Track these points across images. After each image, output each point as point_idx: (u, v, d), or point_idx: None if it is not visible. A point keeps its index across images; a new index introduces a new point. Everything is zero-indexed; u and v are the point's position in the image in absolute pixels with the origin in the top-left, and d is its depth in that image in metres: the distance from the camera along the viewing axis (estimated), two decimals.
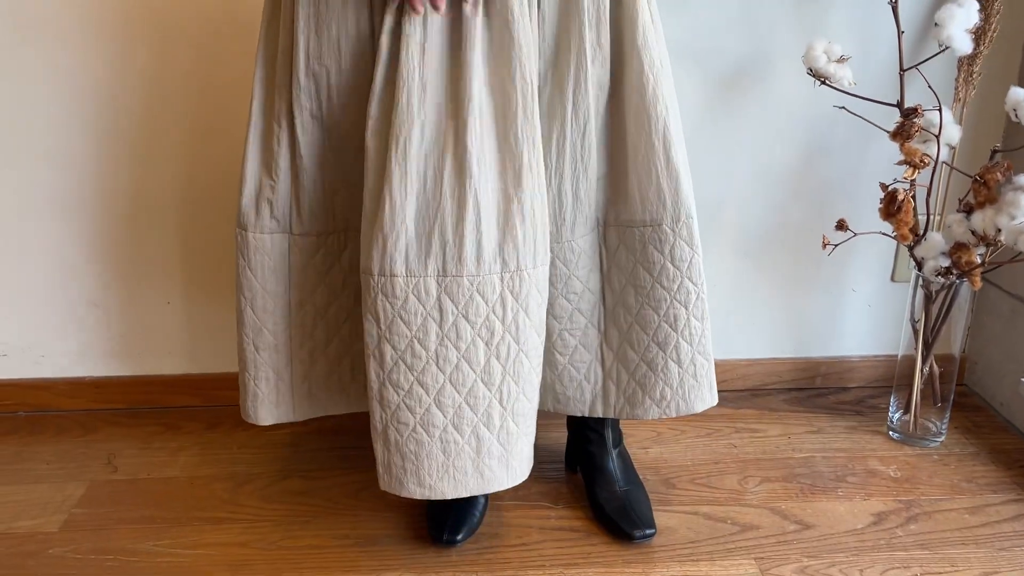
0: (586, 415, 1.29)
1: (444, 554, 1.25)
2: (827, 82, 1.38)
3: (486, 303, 1.09)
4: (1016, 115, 1.33)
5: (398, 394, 1.11)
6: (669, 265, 1.18)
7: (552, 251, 1.19)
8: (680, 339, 1.22)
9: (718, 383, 1.68)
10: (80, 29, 1.43)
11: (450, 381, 1.11)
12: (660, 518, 1.33)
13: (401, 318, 1.08)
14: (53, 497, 1.38)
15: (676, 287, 1.19)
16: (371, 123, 1.08)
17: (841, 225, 1.45)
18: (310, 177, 1.17)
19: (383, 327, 1.09)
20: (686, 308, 1.20)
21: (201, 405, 1.65)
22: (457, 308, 1.08)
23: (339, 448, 1.51)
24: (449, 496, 1.14)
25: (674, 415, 1.26)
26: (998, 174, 1.35)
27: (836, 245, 1.47)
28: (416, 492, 1.14)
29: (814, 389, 1.74)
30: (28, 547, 1.27)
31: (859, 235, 1.48)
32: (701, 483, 1.43)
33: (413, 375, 1.10)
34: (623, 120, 1.16)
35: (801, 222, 1.63)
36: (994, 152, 1.43)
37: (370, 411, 1.14)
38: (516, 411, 1.14)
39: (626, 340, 1.24)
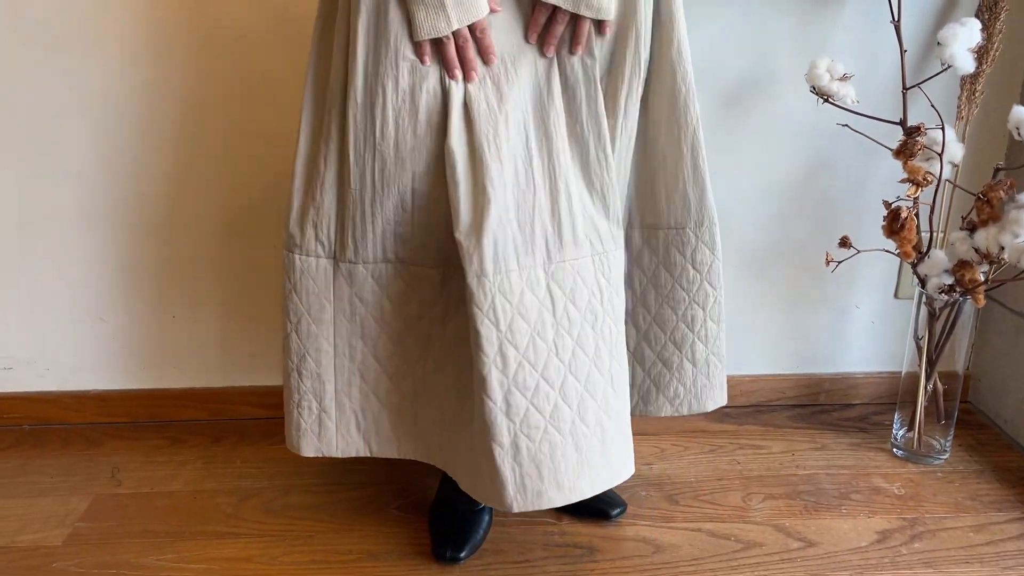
0: None
1: (447, 571, 1.25)
2: (830, 100, 1.39)
3: (586, 286, 1.12)
4: (1019, 133, 1.34)
5: (525, 396, 1.08)
6: (690, 268, 1.26)
7: None
8: (696, 339, 1.28)
9: None
10: (97, 40, 1.44)
11: (570, 371, 1.11)
12: (664, 535, 1.33)
13: (520, 314, 1.07)
14: (57, 511, 1.38)
15: (695, 289, 1.26)
16: (455, 131, 1.06)
17: (844, 242, 1.45)
18: (360, 202, 1.13)
19: (503, 328, 1.06)
20: (704, 310, 1.27)
21: (206, 419, 1.65)
22: (564, 293, 1.10)
23: (343, 464, 1.51)
24: (587, 495, 1.12)
25: (686, 413, 1.32)
26: (1001, 192, 1.35)
27: (839, 262, 1.47)
28: (556, 499, 1.10)
29: (818, 406, 1.74)
30: (31, 561, 1.27)
31: (862, 252, 1.49)
32: (705, 500, 1.43)
33: (537, 371, 1.09)
34: (654, 127, 1.21)
35: (805, 238, 1.63)
36: (997, 170, 1.43)
37: (492, 434, 1.08)
38: (622, 394, 1.16)
39: (644, 338, 1.31)
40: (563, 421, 1.10)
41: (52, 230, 1.54)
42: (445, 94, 1.07)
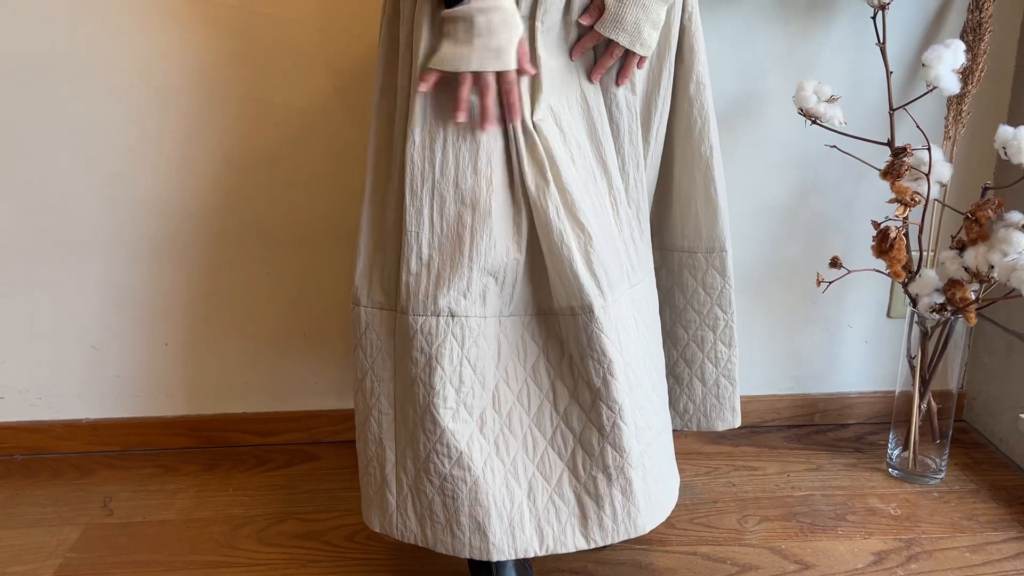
0: None
1: None
2: (818, 121, 1.40)
3: (648, 305, 1.17)
4: (1005, 153, 1.35)
5: (643, 416, 1.11)
6: (701, 291, 1.30)
7: None
8: (706, 360, 1.33)
9: None
10: (89, 68, 1.45)
11: (654, 389, 1.15)
12: (659, 559, 1.32)
13: (629, 338, 1.09)
14: (48, 541, 1.37)
15: (706, 312, 1.31)
16: (528, 175, 1.05)
17: (835, 262, 1.46)
18: (416, 245, 1.07)
19: (627, 355, 1.08)
20: (713, 332, 1.32)
21: (198, 447, 1.64)
22: (641, 316, 1.14)
23: (336, 490, 1.51)
24: (669, 510, 1.16)
25: (695, 429, 1.37)
26: (989, 211, 1.36)
27: (830, 282, 1.48)
28: (668, 506, 1.15)
29: (813, 426, 1.73)
30: None
31: (853, 272, 1.49)
32: (700, 523, 1.42)
33: (643, 391, 1.12)
34: (671, 154, 1.26)
35: (796, 258, 1.64)
36: (985, 189, 1.44)
37: (630, 460, 1.08)
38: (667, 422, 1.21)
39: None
40: (658, 434, 1.15)
41: (44, 258, 1.54)
42: (506, 135, 1.06)
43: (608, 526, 1.09)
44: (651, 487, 1.11)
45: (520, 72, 1.03)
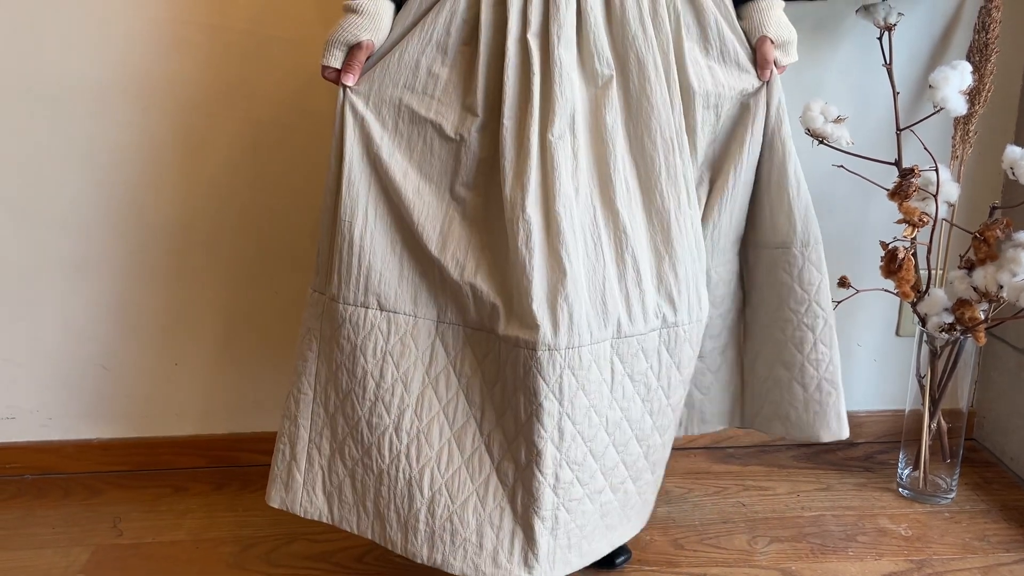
0: (725, 427, 1.35)
1: None
2: (825, 142, 1.41)
3: (646, 359, 1.10)
4: (1013, 173, 1.35)
5: (572, 470, 1.06)
6: (797, 288, 1.23)
7: None
8: (806, 362, 1.25)
9: (726, 439, 1.69)
10: (95, 89, 1.46)
11: (613, 442, 1.09)
12: None
13: (582, 389, 1.04)
14: (58, 563, 1.37)
15: (804, 310, 1.24)
16: (531, 198, 1.04)
17: (844, 282, 1.46)
18: (348, 233, 1.11)
19: (565, 404, 1.03)
20: (813, 332, 1.24)
21: (208, 466, 1.65)
22: (624, 367, 1.08)
23: None
24: (603, 554, 1.13)
25: (798, 437, 1.29)
26: (998, 231, 1.36)
27: (839, 302, 1.47)
28: (576, 564, 1.09)
29: (822, 445, 1.72)
30: None
31: (862, 292, 1.49)
32: (710, 543, 1.41)
33: (587, 446, 1.06)
34: (755, 153, 1.23)
35: None
36: (993, 209, 1.44)
37: (536, 508, 1.05)
38: (656, 461, 1.16)
39: (758, 357, 1.30)
40: (596, 491, 1.09)
41: (53, 279, 1.54)
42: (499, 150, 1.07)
43: (502, 562, 1.06)
44: (560, 542, 1.07)
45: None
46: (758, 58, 1.18)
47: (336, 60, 1.09)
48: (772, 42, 1.18)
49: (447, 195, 1.11)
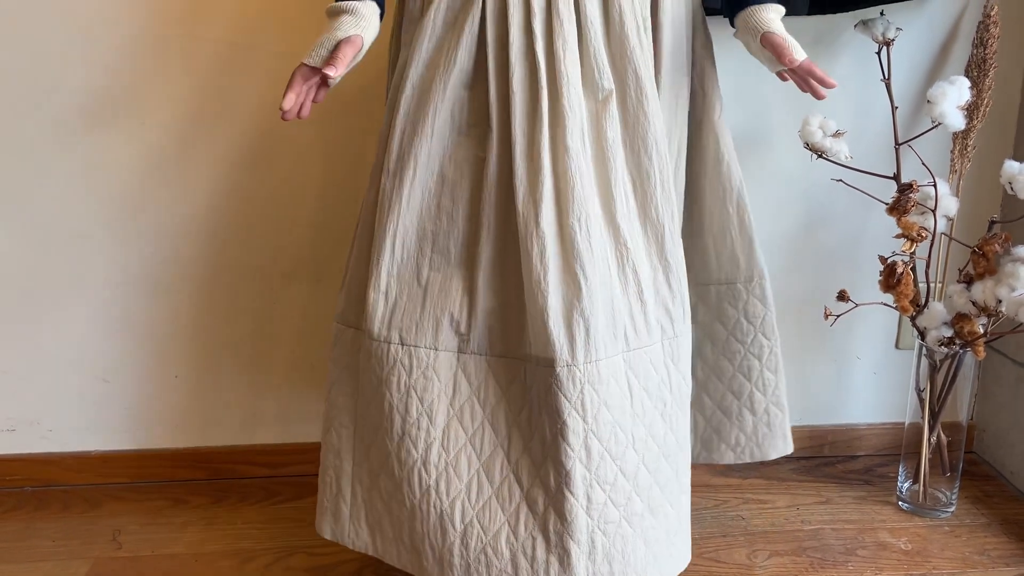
0: None
1: None
2: (824, 156, 1.41)
3: (657, 373, 1.10)
4: (1012, 188, 1.35)
5: (604, 490, 1.04)
6: (743, 320, 1.30)
7: None
8: (754, 389, 1.33)
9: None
10: (97, 105, 1.47)
11: (643, 462, 1.07)
12: None
13: (605, 404, 1.03)
14: None
15: (750, 341, 1.31)
16: (546, 213, 1.03)
17: (842, 296, 1.46)
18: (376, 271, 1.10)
19: (589, 420, 1.02)
20: (759, 360, 1.32)
21: (207, 479, 1.65)
22: (639, 381, 1.08)
23: None
24: None
25: (748, 460, 1.36)
26: (996, 245, 1.36)
27: (838, 316, 1.48)
28: None
29: (822, 458, 1.73)
30: None
31: (861, 306, 1.49)
32: (709, 557, 1.41)
33: (617, 464, 1.05)
34: (700, 189, 1.27)
35: (804, 291, 1.64)
36: (992, 223, 1.44)
37: (571, 532, 1.02)
38: (685, 483, 1.14)
39: (703, 388, 1.35)
40: (634, 515, 1.07)
41: (54, 292, 1.55)
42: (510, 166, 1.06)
43: None
44: (600, 567, 1.04)
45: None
46: (773, 51, 1.14)
47: (317, 59, 1.08)
48: (776, 34, 1.15)
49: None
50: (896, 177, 1.44)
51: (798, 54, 1.13)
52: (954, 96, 1.33)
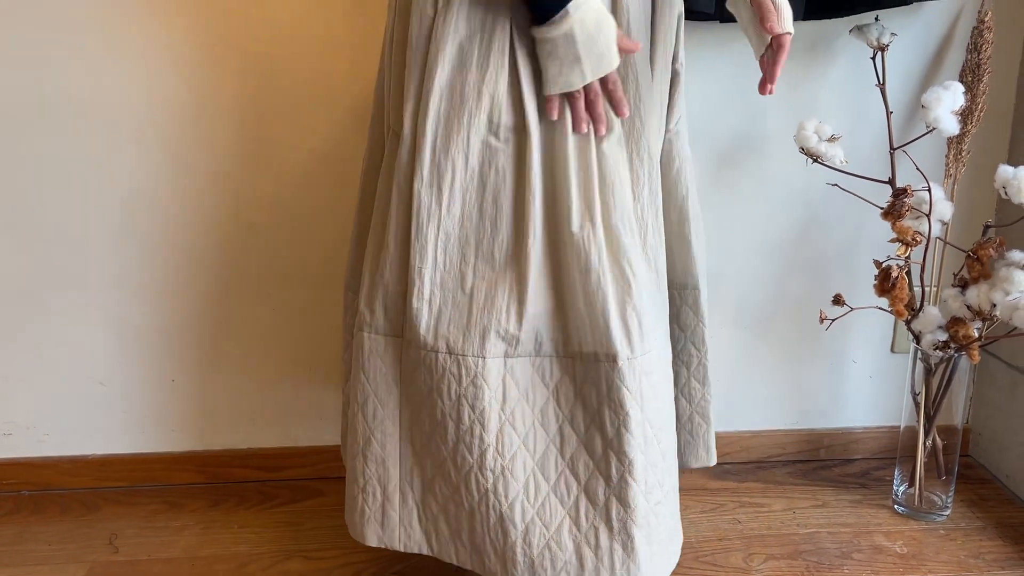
0: None
1: None
2: (819, 160, 1.42)
3: (660, 372, 1.13)
4: (1006, 192, 1.36)
5: (654, 474, 1.08)
6: (675, 327, 1.28)
7: None
8: (679, 395, 1.31)
9: (721, 455, 1.70)
10: (95, 106, 1.47)
11: (671, 445, 1.13)
12: None
13: (655, 390, 1.08)
14: None
15: (679, 348, 1.29)
16: (575, 214, 1.03)
17: (838, 300, 1.46)
18: (419, 279, 1.08)
19: (647, 409, 1.06)
20: (687, 368, 1.31)
21: (204, 482, 1.65)
22: (666, 368, 1.13)
23: (341, 527, 1.50)
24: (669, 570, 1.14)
25: None
26: (991, 250, 1.37)
27: (833, 320, 1.48)
28: (663, 571, 1.12)
29: (818, 461, 1.73)
30: None
31: (856, 310, 1.50)
32: (706, 561, 1.41)
33: (660, 447, 1.10)
34: None
35: (799, 295, 1.65)
36: (986, 228, 1.45)
37: (634, 518, 1.06)
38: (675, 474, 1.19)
39: None
40: (672, 490, 1.13)
41: (51, 295, 1.55)
42: (521, 167, 1.05)
43: None
44: (654, 547, 1.09)
45: (627, 51, 1.02)
46: (759, 11, 1.09)
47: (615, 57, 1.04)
48: None
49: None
50: (891, 181, 1.45)
51: (782, 25, 1.08)
52: (948, 101, 1.34)
